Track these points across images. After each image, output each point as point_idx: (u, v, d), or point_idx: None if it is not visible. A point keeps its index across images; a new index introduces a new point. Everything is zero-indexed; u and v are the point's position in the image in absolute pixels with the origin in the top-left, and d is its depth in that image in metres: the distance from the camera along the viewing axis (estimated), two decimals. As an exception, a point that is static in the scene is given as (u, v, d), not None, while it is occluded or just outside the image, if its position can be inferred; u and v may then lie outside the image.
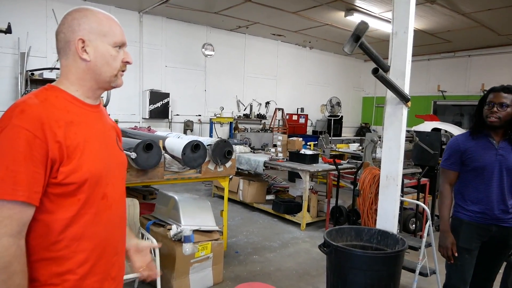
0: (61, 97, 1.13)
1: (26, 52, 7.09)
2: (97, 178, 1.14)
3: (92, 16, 1.15)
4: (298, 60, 12.32)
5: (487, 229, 2.33)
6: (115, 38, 1.17)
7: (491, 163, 2.27)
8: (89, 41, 1.14)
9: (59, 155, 1.04)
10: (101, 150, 1.18)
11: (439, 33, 9.53)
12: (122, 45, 1.20)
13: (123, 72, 1.23)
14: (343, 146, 8.41)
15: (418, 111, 11.25)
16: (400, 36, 2.98)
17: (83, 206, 1.11)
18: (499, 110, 2.21)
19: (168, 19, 9.33)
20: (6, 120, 1.01)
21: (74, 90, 1.17)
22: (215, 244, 3.46)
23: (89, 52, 1.14)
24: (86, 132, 1.14)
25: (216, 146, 3.86)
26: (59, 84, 1.16)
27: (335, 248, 2.49)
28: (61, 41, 1.15)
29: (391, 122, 3.02)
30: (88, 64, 1.15)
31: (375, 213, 3.33)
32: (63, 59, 1.17)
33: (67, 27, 1.14)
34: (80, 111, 1.16)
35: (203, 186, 7.84)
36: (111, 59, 1.17)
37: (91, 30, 1.14)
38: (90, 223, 1.14)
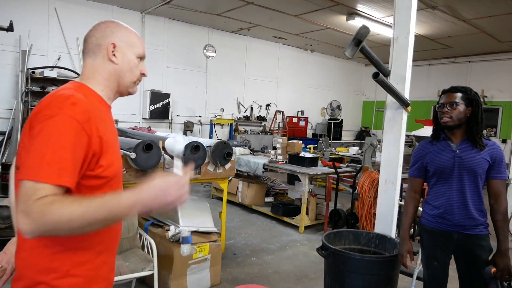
0: (92, 95, 1.22)
1: (27, 50, 7.11)
2: (120, 174, 1.27)
3: (123, 28, 1.29)
4: (299, 63, 12.34)
5: (449, 236, 2.25)
6: (139, 50, 1.32)
7: (449, 166, 2.22)
8: (119, 48, 1.26)
9: (99, 149, 1.12)
10: (118, 149, 1.31)
11: (440, 39, 9.56)
12: (142, 58, 1.35)
13: (139, 82, 1.36)
14: (343, 150, 8.42)
15: (418, 115, 11.26)
16: (401, 41, 2.99)
17: None
18: (449, 110, 2.20)
19: (170, 20, 9.35)
20: (57, 108, 1.05)
21: (99, 90, 1.26)
22: (213, 245, 3.46)
23: (118, 57, 1.25)
24: (111, 130, 1.24)
25: (216, 147, 3.86)
26: (87, 83, 1.24)
27: (333, 252, 2.49)
28: (92, 43, 1.25)
29: (391, 127, 3.02)
30: (115, 67, 1.26)
31: (373, 217, 3.33)
32: (91, 59, 1.25)
33: (100, 32, 1.25)
34: (105, 110, 1.25)
35: (202, 188, 7.84)
36: (134, 67, 1.30)
37: (122, 39, 1.26)
38: None
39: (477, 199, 2.22)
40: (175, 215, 3.39)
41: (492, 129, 11.12)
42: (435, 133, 2.36)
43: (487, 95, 11.10)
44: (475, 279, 2.23)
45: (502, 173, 2.20)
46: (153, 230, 3.46)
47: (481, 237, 2.21)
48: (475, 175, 2.19)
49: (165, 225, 3.44)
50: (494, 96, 11.04)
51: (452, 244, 2.27)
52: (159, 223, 3.54)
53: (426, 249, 2.38)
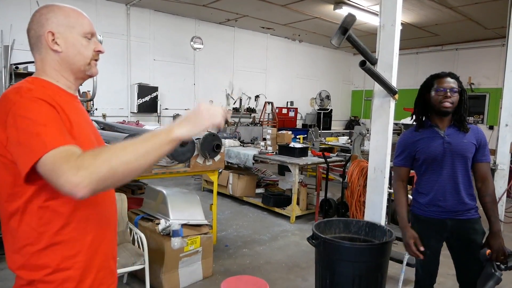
0: (48, 86, 1.16)
1: (9, 45, 6.93)
2: None
3: (58, 10, 1.19)
4: (287, 53, 12.29)
5: (442, 224, 2.25)
6: (83, 28, 1.21)
7: (440, 153, 2.20)
8: (59, 33, 1.17)
9: (70, 128, 1.08)
10: (90, 137, 1.23)
11: (427, 27, 9.60)
12: (92, 35, 1.24)
13: (96, 61, 1.26)
14: (333, 139, 8.45)
15: (407, 104, 11.25)
16: (388, 29, 2.99)
17: None
18: (452, 95, 2.18)
19: (156, 11, 9.21)
20: (17, 97, 1.03)
21: (54, 81, 1.20)
22: (204, 238, 3.45)
23: (60, 44, 1.18)
24: (77, 120, 1.16)
25: (205, 140, 3.84)
26: (39, 76, 1.19)
27: (324, 240, 2.51)
28: (33, 37, 1.19)
29: (378, 115, 3.03)
30: (60, 55, 1.19)
31: (363, 205, 3.36)
32: (37, 54, 1.20)
33: (36, 23, 1.18)
34: (67, 99, 1.18)
35: (193, 180, 7.82)
36: (83, 48, 1.21)
37: (59, 23, 1.18)
38: (95, 204, 1.18)
39: (467, 183, 2.23)
40: (165, 208, 3.38)
41: (479, 116, 11.26)
42: (421, 120, 2.33)
43: (474, 82, 11.22)
44: (472, 264, 2.23)
45: (486, 156, 2.24)
46: (143, 224, 3.44)
47: (474, 221, 2.22)
48: (465, 159, 2.20)
49: (155, 218, 3.41)
50: (481, 83, 11.16)
51: (446, 231, 2.26)
52: (149, 217, 3.52)
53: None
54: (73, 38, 1.19)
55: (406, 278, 3.45)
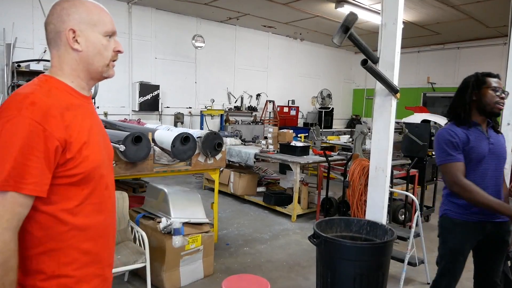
0: (61, 88, 1.13)
1: (12, 43, 6.95)
2: (101, 168, 1.17)
3: (81, 5, 1.14)
4: (289, 52, 12.28)
5: (481, 227, 2.17)
6: (105, 27, 1.17)
7: (486, 153, 2.13)
8: (80, 31, 1.13)
9: (67, 147, 1.06)
10: (100, 141, 1.20)
11: (428, 25, 9.57)
12: (112, 34, 1.19)
13: (114, 62, 1.22)
14: (334, 138, 8.44)
15: (408, 103, 11.33)
16: (389, 27, 2.98)
17: (89, 196, 1.14)
18: (505, 97, 2.14)
19: (158, 10, 9.21)
20: (15, 110, 0.99)
21: (69, 81, 1.16)
22: (205, 236, 3.45)
23: (81, 42, 1.13)
24: (89, 123, 1.16)
25: (206, 138, 3.84)
26: (55, 75, 1.15)
27: (325, 239, 2.51)
28: (51, 32, 1.13)
29: (380, 114, 3.03)
30: (80, 54, 1.15)
31: (364, 204, 3.36)
32: (55, 50, 1.15)
33: (57, 17, 1.12)
34: (80, 103, 1.16)
35: (194, 179, 7.82)
36: (103, 48, 1.17)
37: (81, 20, 1.13)
38: (95, 213, 1.17)
39: (501, 184, 2.23)
40: (167, 207, 3.38)
41: (481, 115, 11.19)
42: (467, 119, 2.17)
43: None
44: (498, 264, 2.23)
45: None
46: (144, 222, 3.44)
47: (507, 223, 2.18)
48: (503, 161, 2.21)
49: (157, 217, 3.42)
50: (483, 82, 11.10)
51: (482, 234, 2.19)
52: (151, 215, 3.52)
53: (453, 244, 2.23)
54: (94, 37, 1.15)
55: (407, 277, 3.46)
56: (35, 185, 1.00)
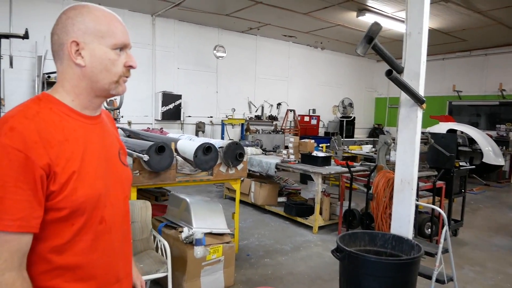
0: (56, 109, 1.00)
1: (43, 55, 7.22)
2: (94, 201, 1.01)
3: (88, 14, 1.01)
4: (309, 61, 12.26)
5: None
6: (114, 39, 1.02)
7: None
8: (84, 44, 0.99)
9: (52, 178, 0.93)
10: (99, 168, 1.04)
11: (454, 32, 9.37)
12: (124, 47, 1.05)
13: (126, 78, 1.08)
14: (356, 148, 8.33)
15: (433, 111, 11.07)
16: (414, 36, 2.92)
17: (78, 232, 0.99)
18: None
19: (180, 21, 9.38)
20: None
21: (70, 101, 1.03)
22: (226, 247, 3.43)
23: (84, 56, 1.00)
24: (84, 150, 1.01)
25: (228, 148, 3.84)
26: (54, 93, 1.03)
27: (348, 254, 2.45)
28: (55, 44, 1.02)
29: (405, 125, 2.96)
30: (83, 70, 1.01)
31: (389, 218, 3.27)
32: (58, 63, 1.04)
33: (61, 27, 1.00)
34: (77, 125, 1.02)
35: (215, 188, 7.84)
36: (110, 63, 1.02)
37: (86, 31, 0.99)
38: (86, 251, 1.01)
39: None
40: (189, 216, 3.39)
41: None
42: None
43: (506, 88, 10.82)
44: None
45: None
46: (166, 231, 3.46)
47: None
48: None
49: (179, 226, 3.43)
50: (513, 90, 10.77)
51: None
52: (173, 224, 3.54)
53: None
54: (101, 51, 1.01)
55: (435, 294, 3.32)
56: (22, 221, 0.88)
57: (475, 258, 4.57)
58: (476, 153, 9.50)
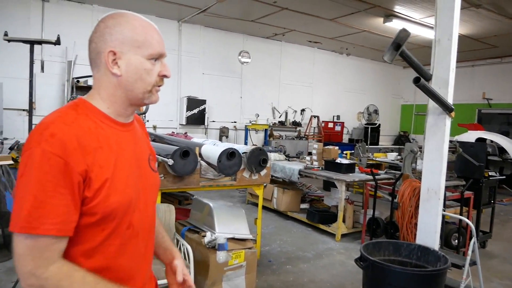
0: (92, 115, 1.03)
1: (73, 60, 7.49)
2: (125, 207, 1.03)
3: (126, 23, 1.03)
4: (334, 67, 12.18)
5: None
6: (151, 49, 1.04)
7: None
8: (121, 53, 1.02)
9: (87, 184, 0.95)
10: (131, 174, 1.07)
11: (484, 38, 9.11)
12: (159, 57, 1.07)
13: (159, 88, 1.10)
14: (381, 155, 8.19)
15: (461, 119, 10.77)
16: (444, 43, 2.87)
17: (108, 237, 1.02)
18: None
19: (206, 27, 9.53)
20: (35, 143, 0.91)
21: (105, 108, 1.06)
22: (248, 252, 3.44)
23: (121, 66, 1.02)
24: (117, 157, 1.03)
25: (252, 154, 3.86)
26: (91, 99, 1.06)
27: (372, 263, 2.41)
28: (93, 52, 1.04)
29: (433, 133, 2.90)
30: (119, 79, 1.04)
31: (415, 228, 3.20)
32: (95, 71, 1.06)
33: (99, 36, 1.03)
34: (111, 132, 1.05)
35: (238, 193, 7.87)
36: (145, 73, 1.05)
37: (124, 40, 1.01)
38: (114, 255, 1.04)
39: None
40: (212, 221, 3.42)
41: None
42: None
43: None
44: None
45: None
46: (189, 235, 3.50)
47: None
48: None
49: (202, 231, 3.46)
50: (546, 98, 10.38)
51: None
52: (196, 229, 3.57)
53: None
54: (137, 61, 1.03)
55: (462, 308, 3.22)
56: (61, 224, 0.91)
57: (504, 272, 4.40)
58: (506, 163, 9.18)
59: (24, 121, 7.13)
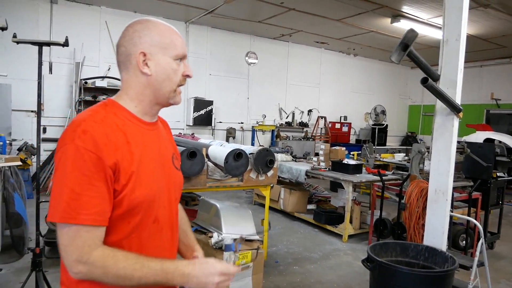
0: (120, 114, 1.10)
1: (80, 62, 7.56)
2: (149, 201, 1.09)
3: (153, 28, 1.11)
4: (341, 67, 12.14)
5: None
6: (176, 50, 1.13)
7: None
8: (151, 55, 1.10)
9: (116, 177, 1.02)
10: (155, 171, 1.13)
11: (493, 38, 9.03)
12: (183, 58, 1.16)
13: (180, 88, 1.19)
14: (388, 156, 8.15)
15: (469, 120, 10.68)
16: (452, 43, 2.85)
17: (134, 229, 1.08)
18: None
19: (213, 28, 9.56)
20: (68, 140, 0.99)
21: (133, 107, 1.13)
22: (255, 253, 3.45)
23: (150, 66, 1.10)
24: (142, 153, 1.10)
25: (259, 155, 3.87)
26: (119, 99, 1.14)
27: (379, 264, 2.40)
28: (122, 55, 1.11)
29: (441, 134, 2.88)
30: (148, 79, 1.11)
31: (422, 228, 3.19)
32: (124, 72, 1.14)
33: (128, 40, 1.10)
34: (137, 130, 1.12)
35: (244, 194, 7.89)
36: (172, 72, 1.13)
37: (152, 43, 1.10)
38: (139, 247, 1.09)
39: None
40: (219, 222, 3.43)
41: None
42: None
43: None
44: None
45: None
46: (196, 236, 3.49)
47: None
48: None
49: (208, 231, 3.48)
50: (556, 98, 10.26)
51: None
52: (203, 229, 3.59)
53: None
54: (165, 61, 1.11)
55: (470, 310, 3.20)
56: (96, 215, 0.98)
57: (513, 273, 4.37)
58: (515, 164, 9.09)
59: (32, 122, 7.19)
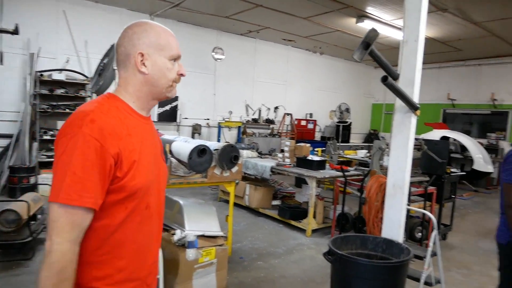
0: (122, 108, 1.20)
1: (35, 53, 7.16)
2: (146, 188, 1.19)
3: (151, 30, 1.22)
4: (308, 65, 12.31)
5: None
6: (171, 51, 1.24)
7: None
8: (148, 55, 1.20)
9: (119, 165, 1.10)
10: (150, 161, 1.23)
11: (450, 42, 9.47)
12: (177, 58, 1.27)
13: (175, 84, 1.29)
14: (351, 153, 8.37)
15: (427, 119, 11.16)
16: (411, 44, 2.96)
17: (130, 214, 1.16)
18: None
19: (179, 22, 9.40)
20: (76, 127, 1.06)
21: (131, 102, 1.23)
22: (219, 249, 3.44)
23: (147, 66, 1.21)
24: (141, 144, 1.19)
25: (223, 151, 3.86)
26: (119, 95, 1.23)
27: (340, 257, 2.47)
28: (122, 54, 1.22)
29: (399, 131, 2.99)
30: (146, 77, 1.22)
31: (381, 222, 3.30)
32: (123, 71, 1.23)
33: (128, 40, 1.20)
34: (136, 123, 1.22)
35: (210, 190, 7.84)
36: (167, 71, 1.24)
37: (150, 44, 1.20)
38: (133, 231, 1.18)
39: None
40: (181, 219, 3.39)
41: (502, 133, 10.98)
42: None
43: (497, 98, 10.99)
44: None
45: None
46: (159, 232, 3.46)
47: None
48: None
49: (171, 229, 3.43)
50: (504, 100, 10.92)
51: None
52: (165, 227, 3.53)
53: None
54: (161, 61, 1.22)
55: (424, 299, 3.35)
56: (94, 199, 1.06)
57: (462, 261, 4.64)
58: (467, 160, 9.67)
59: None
